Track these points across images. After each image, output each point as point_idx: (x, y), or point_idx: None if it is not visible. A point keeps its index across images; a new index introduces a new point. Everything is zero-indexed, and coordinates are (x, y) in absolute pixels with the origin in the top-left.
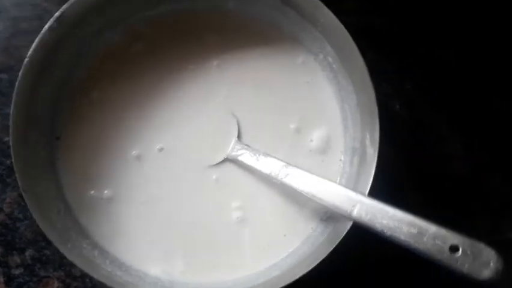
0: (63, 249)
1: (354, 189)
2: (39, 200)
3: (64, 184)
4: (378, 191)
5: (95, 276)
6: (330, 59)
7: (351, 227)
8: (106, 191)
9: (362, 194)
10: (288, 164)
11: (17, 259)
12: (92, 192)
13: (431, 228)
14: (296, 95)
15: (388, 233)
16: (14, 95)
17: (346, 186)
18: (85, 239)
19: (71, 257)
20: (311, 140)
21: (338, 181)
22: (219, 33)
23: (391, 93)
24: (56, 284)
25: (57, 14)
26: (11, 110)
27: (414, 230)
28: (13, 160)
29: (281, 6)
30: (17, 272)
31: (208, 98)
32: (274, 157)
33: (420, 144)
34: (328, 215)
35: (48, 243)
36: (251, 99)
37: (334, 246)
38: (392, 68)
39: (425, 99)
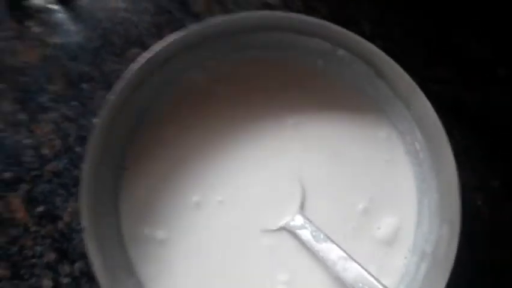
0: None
1: None
2: (97, 236)
3: (122, 217)
4: None
5: None
6: (417, 146)
7: None
8: (160, 232)
9: None
10: (349, 256)
11: (66, 268)
12: (147, 230)
13: None
14: (372, 171)
15: None
16: (92, 131)
17: None
18: (130, 278)
19: None
20: (379, 228)
21: (397, 283)
22: (301, 90)
23: (474, 185)
24: None
25: (149, 55)
26: (88, 146)
27: None
28: (81, 195)
29: (374, 78)
30: (64, 280)
31: (278, 158)
32: (336, 244)
33: (496, 253)
34: None
35: None
36: (322, 169)
37: None
38: (479, 157)
39: None
